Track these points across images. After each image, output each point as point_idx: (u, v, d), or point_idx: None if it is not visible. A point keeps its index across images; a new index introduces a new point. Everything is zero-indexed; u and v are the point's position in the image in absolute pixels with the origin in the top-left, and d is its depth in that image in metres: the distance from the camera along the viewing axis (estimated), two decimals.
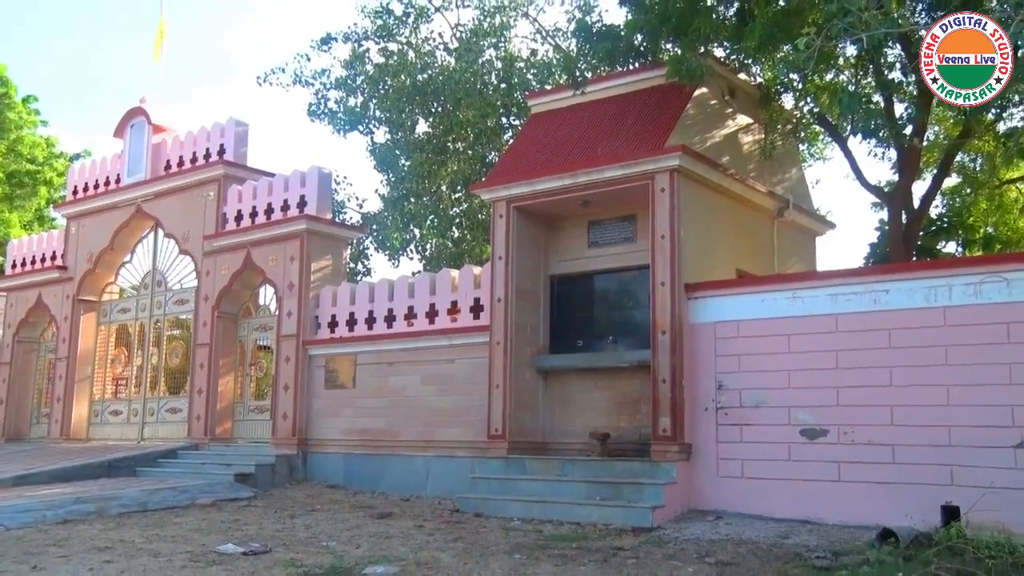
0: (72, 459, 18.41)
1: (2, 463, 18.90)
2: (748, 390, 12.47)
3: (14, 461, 19.09)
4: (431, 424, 15.81)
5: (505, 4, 25.86)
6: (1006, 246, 21.73)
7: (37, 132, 41.37)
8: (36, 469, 17.19)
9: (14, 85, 40.57)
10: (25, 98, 41.12)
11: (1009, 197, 22.06)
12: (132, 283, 22.81)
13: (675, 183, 13.32)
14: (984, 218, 22.22)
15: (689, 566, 9.20)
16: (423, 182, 25.31)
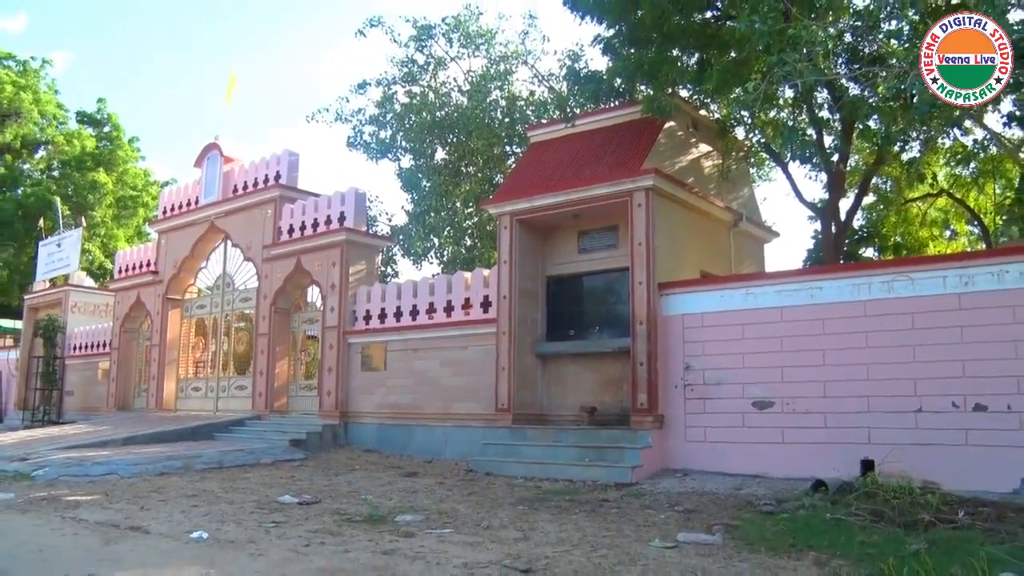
0: (165, 425, 18.50)
1: (115, 427, 19.16)
2: (710, 370, 12.47)
3: (123, 426, 19.30)
4: (448, 400, 15.79)
5: (508, 54, 25.85)
6: (911, 251, 22.20)
7: (138, 165, 41.86)
8: (139, 432, 17.33)
9: (123, 129, 41.25)
10: (130, 139, 41.77)
11: (912, 212, 22.48)
12: (207, 284, 22.84)
13: (650, 200, 13.30)
14: (894, 229, 22.66)
15: (661, 513, 9.22)
16: (441, 200, 25.33)
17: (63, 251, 29.03)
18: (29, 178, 39.20)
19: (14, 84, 37.23)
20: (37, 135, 39.33)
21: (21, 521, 8.77)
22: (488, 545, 7.30)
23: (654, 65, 14.10)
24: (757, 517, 8.68)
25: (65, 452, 14.70)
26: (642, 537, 7.70)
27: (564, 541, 7.49)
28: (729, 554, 6.91)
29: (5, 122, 37.62)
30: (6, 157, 39.30)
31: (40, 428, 22.86)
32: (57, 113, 40.59)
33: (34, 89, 38.83)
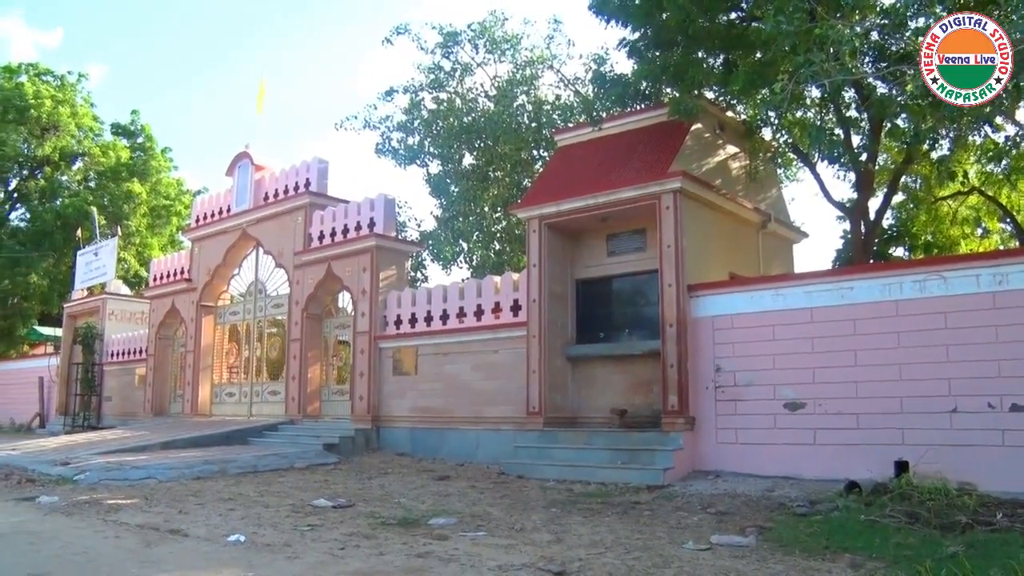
0: (200, 430, 18.67)
1: (152, 432, 19.34)
2: (741, 372, 12.36)
3: (160, 431, 19.49)
4: (480, 403, 15.78)
5: (534, 58, 25.83)
6: (942, 250, 21.90)
7: (171, 175, 42.39)
8: (176, 437, 17.50)
9: (155, 139, 41.86)
10: (163, 149, 42.37)
11: (942, 210, 22.15)
12: (240, 291, 23.01)
13: (678, 202, 13.23)
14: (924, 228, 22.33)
15: (694, 515, 9.15)
16: (469, 205, 25.37)
17: (100, 260, 29.37)
18: (67, 189, 39.70)
19: (52, 98, 37.74)
20: (74, 147, 39.85)
21: (66, 523, 8.89)
22: (522, 548, 7.28)
23: (680, 67, 14.03)
24: (790, 519, 8.59)
25: (105, 456, 14.86)
26: (675, 539, 7.65)
27: (597, 543, 7.45)
28: (763, 556, 6.84)
29: (45, 136, 38.17)
30: (46, 169, 39.86)
31: (80, 433, 23.15)
32: (93, 125, 41.08)
33: (71, 103, 39.34)
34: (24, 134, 37.72)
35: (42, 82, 38.83)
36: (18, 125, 36.97)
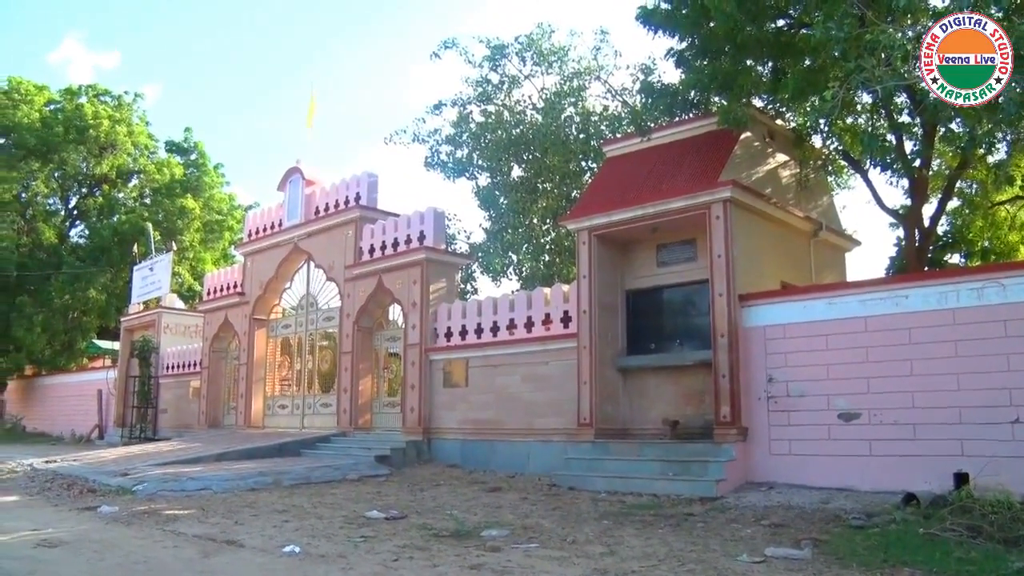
0: (254, 442, 18.92)
1: (207, 444, 19.67)
2: (793, 382, 12.21)
3: (214, 443, 19.79)
4: (530, 415, 15.79)
5: (581, 70, 25.87)
6: (1000, 256, 21.34)
7: (223, 190, 43.20)
8: (230, 449, 17.76)
9: (208, 156, 42.80)
10: (215, 165, 43.28)
11: (1000, 216, 21.64)
12: (291, 304, 23.32)
13: (728, 211, 13.15)
14: (981, 234, 21.81)
15: (748, 528, 9.07)
16: (518, 217, 25.43)
17: (155, 275, 29.98)
18: (124, 206, 40.67)
19: (110, 118, 38.71)
20: (130, 165, 40.87)
21: (126, 533, 9.10)
22: (575, 560, 7.28)
23: (728, 76, 13.95)
24: (846, 532, 8.48)
25: (162, 468, 15.14)
26: (729, 552, 7.59)
27: (650, 556, 7.43)
28: (819, 569, 6.76)
29: (103, 154, 39.18)
30: (104, 187, 40.94)
31: (137, 445, 23.61)
32: (148, 143, 42.08)
33: (128, 122, 40.32)
34: (84, 153, 38.83)
35: (100, 103, 39.92)
36: (78, 145, 38.05)
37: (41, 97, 38.86)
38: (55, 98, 39.63)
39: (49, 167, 38.46)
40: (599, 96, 26.06)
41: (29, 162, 37.55)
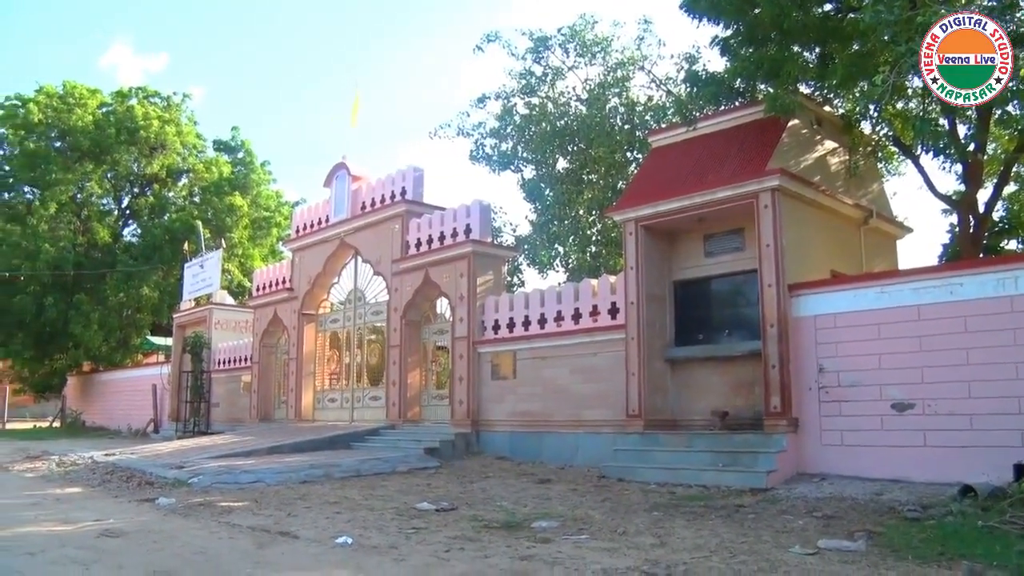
0: (304, 435, 19.12)
1: (259, 437, 19.94)
2: (845, 372, 12.05)
3: (266, 436, 20.04)
4: (579, 407, 15.79)
5: (625, 60, 25.71)
6: None
7: (270, 187, 43.76)
8: (281, 442, 17.96)
9: (255, 154, 43.44)
10: (262, 163, 43.90)
11: None
12: (339, 299, 23.56)
13: (776, 200, 13.02)
14: None
15: (799, 519, 8.98)
16: (564, 208, 25.40)
17: (206, 271, 30.47)
18: (174, 205, 41.40)
19: (159, 119, 39.41)
20: (180, 164, 41.59)
21: (183, 524, 9.28)
22: (625, 551, 7.27)
23: (775, 63, 13.78)
24: (901, 524, 8.35)
25: (216, 461, 15.40)
26: (781, 543, 7.53)
27: (701, 547, 7.39)
28: (874, 562, 6.68)
29: (153, 154, 39.93)
30: (154, 187, 41.75)
31: (191, 438, 24.03)
32: (196, 143, 42.77)
33: (176, 122, 41.01)
34: (135, 154, 39.61)
35: (150, 104, 40.65)
36: (130, 146, 38.81)
37: (94, 100, 39.66)
38: (107, 101, 40.43)
39: (102, 168, 39.31)
40: (643, 86, 25.93)
41: (84, 163, 38.43)
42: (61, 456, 18.73)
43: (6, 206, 38.33)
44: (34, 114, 37.34)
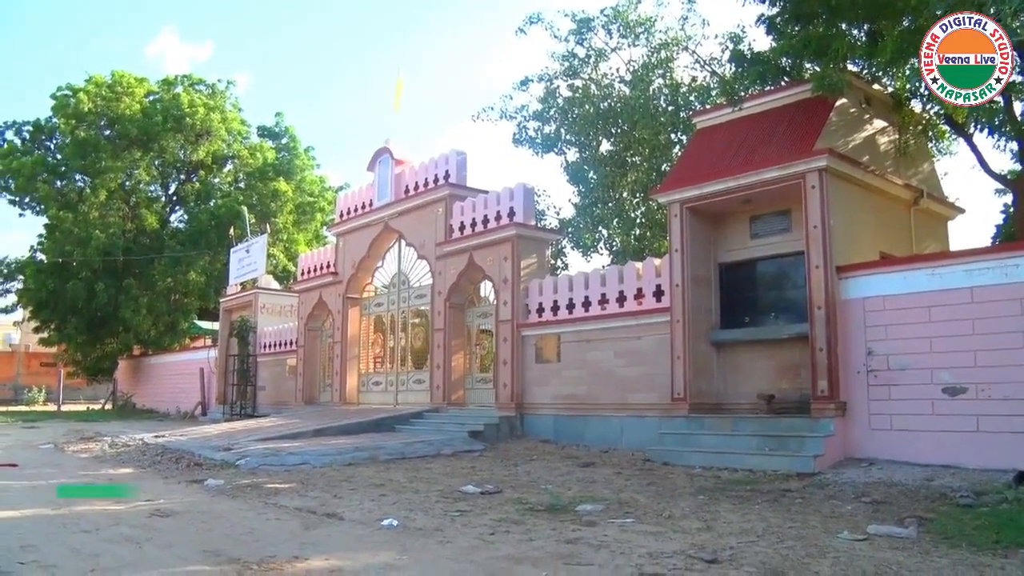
0: (349, 418, 19.32)
1: (304, 420, 20.17)
2: (894, 355, 11.86)
3: (311, 419, 20.27)
4: (623, 390, 15.74)
5: (668, 41, 25.41)
6: None
7: (314, 172, 44.11)
8: (327, 425, 18.17)
9: (298, 139, 43.82)
10: (306, 148, 44.25)
11: None
12: (383, 283, 23.69)
13: (824, 181, 12.82)
14: None
15: (848, 504, 8.88)
16: (608, 191, 25.28)
17: (251, 256, 30.83)
18: (219, 191, 41.95)
19: (205, 106, 39.93)
20: (225, 151, 42.10)
21: (232, 505, 9.43)
22: (671, 535, 7.24)
23: (822, 41, 13.52)
24: (953, 510, 8.20)
25: (262, 443, 15.62)
26: (829, 529, 7.45)
27: (748, 532, 7.34)
28: (925, 549, 6.57)
29: (199, 141, 40.50)
30: (200, 173, 42.34)
31: (238, 421, 24.40)
32: (241, 129, 43.24)
33: (221, 109, 41.51)
34: (181, 141, 40.20)
35: (195, 91, 41.21)
36: (176, 133, 39.38)
37: (141, 89, 40.28)
38: (154, 89, 41.06)
39: (150, 155, 39.98)
40: (687, 67, 25.64)
41: (132, 151, 39.13)
42: (113, 437, 19.13)
43: (59, 194, 39.14)
44: (84, 104, 38.06)
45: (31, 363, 57.58)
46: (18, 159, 38.61)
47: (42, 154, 39.93)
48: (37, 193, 38.89)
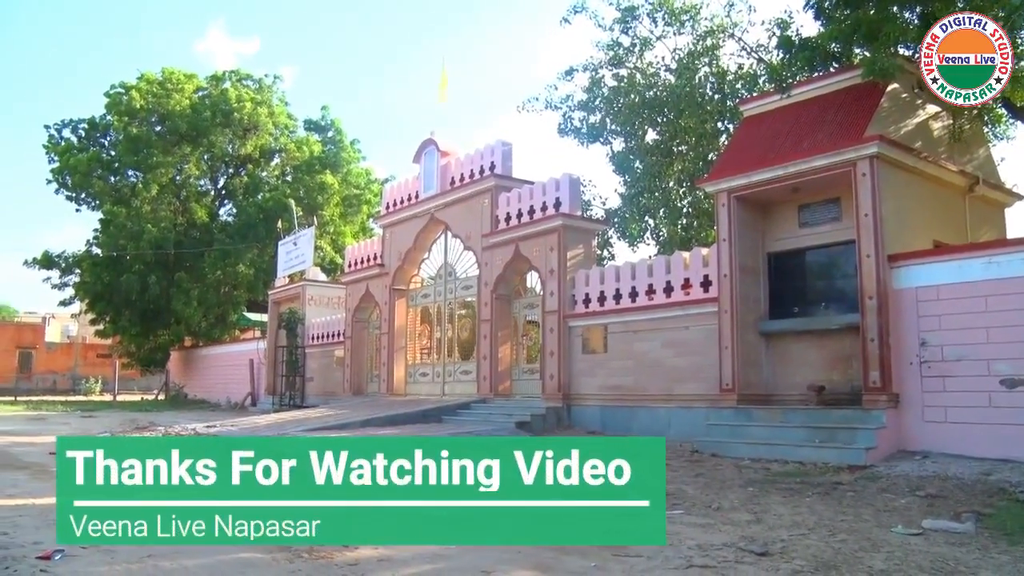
0: (397, 409, 19.43)
1: (352, 410, 20.36)
2: (949, 346, 11.62)
3: (359, 409, 20.45)
4: (671, 381, 15.62)
5: (714, 28, 25.10)
6: None
7: (360, 165, 44.39)
8: (374, 415, 18.29)
9: (344, 132, 44.11)
10: (352, 141, 44.49)
11: None
12: (430, 274, 23.78)
13: (875, 168, 12.58)
14: None
15: (901, 498, 8.74)
16: (654, 181, 25.06)
17: (299, 249, 31.12)
18: (267, 184, 42.40)
19: (252, 101, 40.41)
20: (272, 145, 42.57)
21: None
22: (720, 527, 7.18)
23: (873, 25, 13.24)
24: (1013, 506, 8.03)
25: (311, 433, 15.75)
26: (882, 522, 7.34)
27: (799, 524, 7.25)
28: (984, 544, 6.43)
29: (246, 135, 41.02)
30: (248, 167, 42.84)
31: (287, 411, 24.65)
32: (288, 123, 43.65)
33: (268, 103, 41.95)
34: (229, 135, 40.77)
35: (242, 86, 41.72)
36: (224, 128, 39.94)
37: (190, 85, 40.89)
38: (202, 85, 41.66)
39: (199, 150, 40.58)
40: (733, 54, 25.29)
41: (182, 146, 39.78)
42: (167, 427, 19.43)
43: (113, 189, 39.98)
44: (136, 101, 38.79)
45: (88, 354, 58.84)
46: (75, 156, 39.52)
47: (97, 151, 40.78)
48: (92, 189, 39.85)
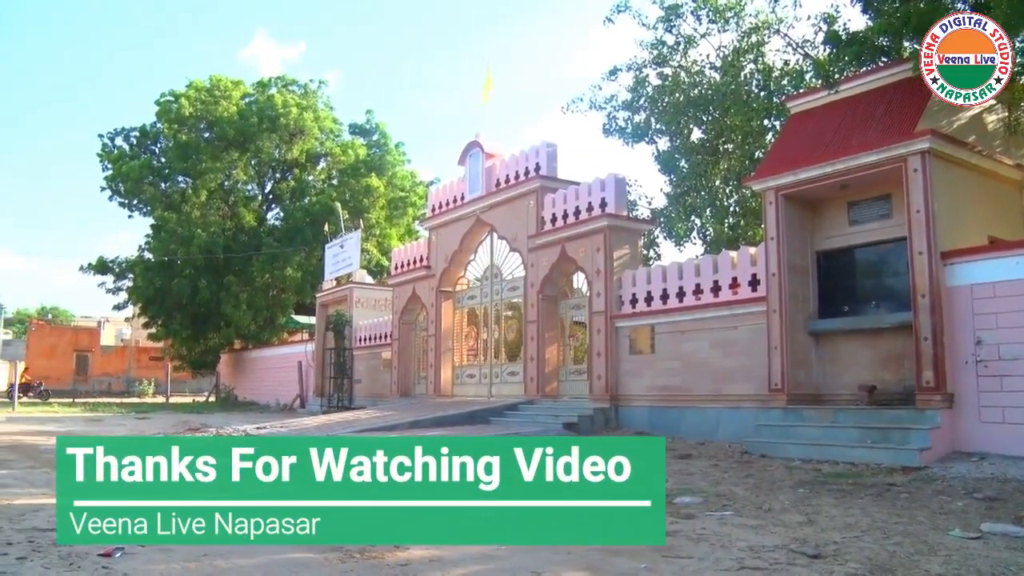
0: (444, 410, 19.53)
1: (400, 412, 20.50)
2: (1006, 344, 11.38)
3: (407, 411, 20.60)
4: (719, 381, 15.53)
5: (759, 24, 24.86)
6: None
7: (405, 168, 44.71)
8: (422, 417, 18.39)
9: (389, 136, 44.47)
10: (397, 144, 44.79)
11: None
12: (476, 276, 23.86)
13: (926, 163, 12.38)
14: None
15: (958, 500, 8.57)
16: (700, 179, 24.91)
17: (346, 252, 31.44)
18: (313, 188, 42.89)
19: (298, 106, 40.93)
20: (318, 149, 43.06)
21: None
22: (771, 528, 7.12)
23: (923, 17, 12.98)
24: None
25: (360, 434, 15.89)
26: (938, 525, 7.21)
27: (852, 526, 7.16)
28: None
29: (292, 140, 41.57)
30: (294, 171, 43.38)
31: (335, 413, 24.89)
32: (333, 127, 44.13)
33: (314, 108, 42.46)
34: (276, 140, 41.32)
35: (288, 92, 42.26)
36: (271, 133, 40.48)
37: (237, 91, 41.57)
38: (249, 91, 42.32)
39: (247, 155, 41.24)
40: (779, 50, 25.02)
41: (230, 152, 40.47)
42: (218, 428, 19.75)
43: (163, 195, 40.81)
44: (185, 108, 39.52)
45: (141, 357, 60.01)
46: (127, 164, 40.43)
47: (148, 158, 41.64)
48: (144, 195, 40.71)
